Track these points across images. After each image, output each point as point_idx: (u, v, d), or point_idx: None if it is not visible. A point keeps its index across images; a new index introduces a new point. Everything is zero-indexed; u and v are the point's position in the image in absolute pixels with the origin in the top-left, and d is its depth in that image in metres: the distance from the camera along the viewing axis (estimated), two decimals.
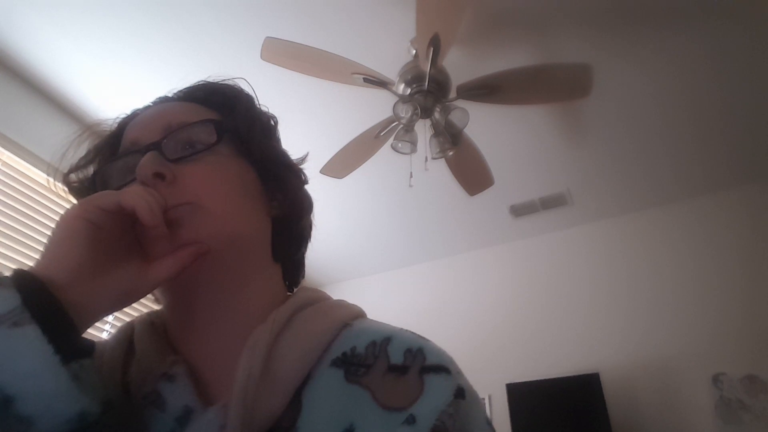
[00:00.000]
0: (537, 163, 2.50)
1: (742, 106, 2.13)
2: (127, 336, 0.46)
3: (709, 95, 2.08)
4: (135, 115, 0.50)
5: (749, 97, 2.08)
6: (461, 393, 0.36)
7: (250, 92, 0.53)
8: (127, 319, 0.49)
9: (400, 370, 0.37)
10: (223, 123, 0.47)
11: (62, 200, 2.01)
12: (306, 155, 0.56)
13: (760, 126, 2.23)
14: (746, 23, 1.77)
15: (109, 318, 2.12)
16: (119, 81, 2.04)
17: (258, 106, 0.53)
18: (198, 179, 0.43)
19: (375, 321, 0.44)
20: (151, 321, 0.47)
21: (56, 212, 2.01)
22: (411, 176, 2.03)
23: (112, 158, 0.47)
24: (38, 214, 1.95)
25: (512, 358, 2.69)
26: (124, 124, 0.50)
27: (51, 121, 2.08)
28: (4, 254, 1.80)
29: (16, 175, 1.92)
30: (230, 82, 0.52)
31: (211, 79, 0.53)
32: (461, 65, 1.89)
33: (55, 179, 0.49)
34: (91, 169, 0.49)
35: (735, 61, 1.92)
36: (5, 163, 1.90)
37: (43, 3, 1.73)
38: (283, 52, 1.67)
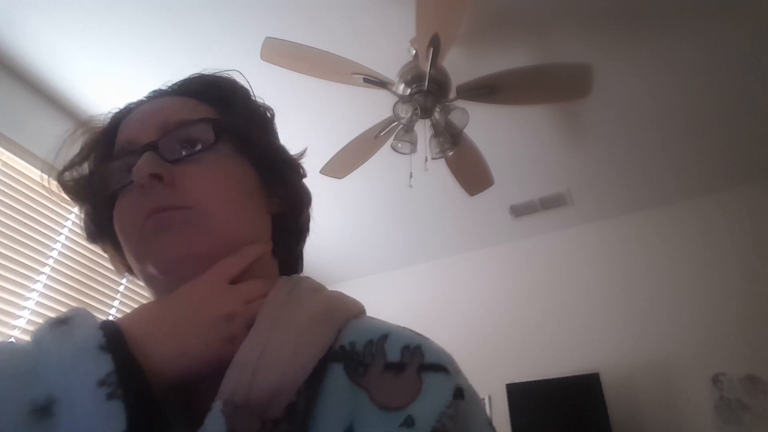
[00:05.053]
0: (537, 163, 2.50)
1: (741, 106, 2.13)
2: None
3: (708, 95, 2.08)
4: (129, 110, 0.49)
5: (748, 98, 2.08)
6: (460, 393, 0.35)
7: (245, 85, 0.51)
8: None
9: (398, 367, 0.36)
10: (221, 121, 0.45)
11: (62, 201, 2.01)
12: (304, 150, 0.55)
13: (759, 126, 2.23)
14: (746, 24, 1.77)
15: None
16: (119, 81, 2.04)
17: (254, 98, 0.51)
18: (197, 181, 0.42)
19: (373, 318, 0.43)
20: None
21: (56, 212, 2.01)
22: (411, 176, 2.03)
23: (108, 158, 0.46)
24: (38, 214, 1.95)
25: (512, 358, 2.68)
26: (118, 119, 0.48)
27: (51, 121, 2.08)
28: (3, 254, 1.80)
29: (15, 175, 1.92)
30: (225, 75, 0.51)
31: (206, 72, 0.51)
32: (461, 65, 1.89)
33: (49, 177, 0.48)
34: (85, 167, 0.47)
35: (734, 62, 1.92)
36: (5, 163, 1.90)
37: (44, 3, 1.73)
38: (283, 52, 1.67)
